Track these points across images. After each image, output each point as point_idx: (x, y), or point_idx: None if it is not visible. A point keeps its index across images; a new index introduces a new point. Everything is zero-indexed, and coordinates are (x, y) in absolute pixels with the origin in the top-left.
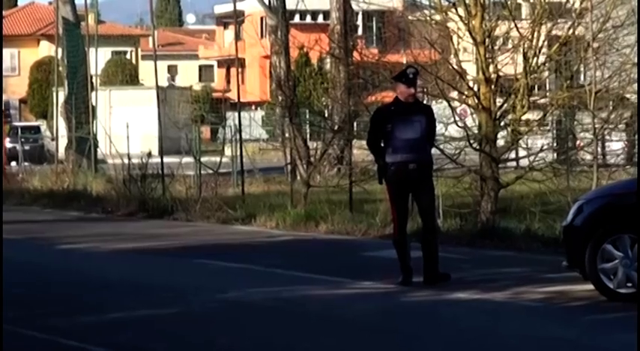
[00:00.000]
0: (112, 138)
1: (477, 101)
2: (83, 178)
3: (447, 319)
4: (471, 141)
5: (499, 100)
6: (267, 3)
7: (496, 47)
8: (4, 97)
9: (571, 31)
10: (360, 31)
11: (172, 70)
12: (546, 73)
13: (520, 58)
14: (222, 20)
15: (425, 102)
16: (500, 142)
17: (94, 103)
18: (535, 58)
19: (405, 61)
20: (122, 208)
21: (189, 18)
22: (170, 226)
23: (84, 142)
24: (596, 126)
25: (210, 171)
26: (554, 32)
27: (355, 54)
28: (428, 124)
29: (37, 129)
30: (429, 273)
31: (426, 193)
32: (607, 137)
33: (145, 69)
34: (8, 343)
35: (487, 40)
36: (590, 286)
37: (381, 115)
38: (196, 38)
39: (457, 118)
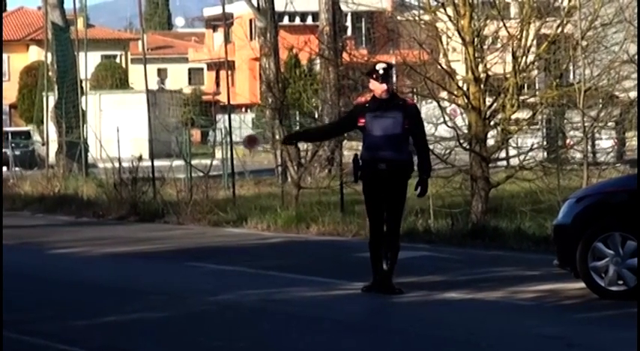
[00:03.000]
0: (102, 142)
1: (466, 101)
2: (74, 182)
3: (439, 319)
4: (461, 141)
5: (489, 100)
6: (256, 5)
7: (485, 47)
8: None
9: (560, 29)
10: (349, 32)
11: (162, 74)
12: (535, 72)
13: (509, 58)
14: (212, 23)
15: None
16: (490, 142)
17: (84, 108)
18: (524, 57)
19: (394, 62)
20: (113, 212)
21: (179, 21)
22: (161, 230)
23: (74, 147)
24: (586, 124)
25: (201, 174)
26: (542, 31)
27: (345, 55)
28: (406, 121)
29: (28, 134)
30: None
31: (395, 197)
32: (597, 135)
33: (135, 72)
34: None
35: (476, 39)
36: (582, 285)
37: (355, 110)
38: (186, 41)
39: (447, 118)
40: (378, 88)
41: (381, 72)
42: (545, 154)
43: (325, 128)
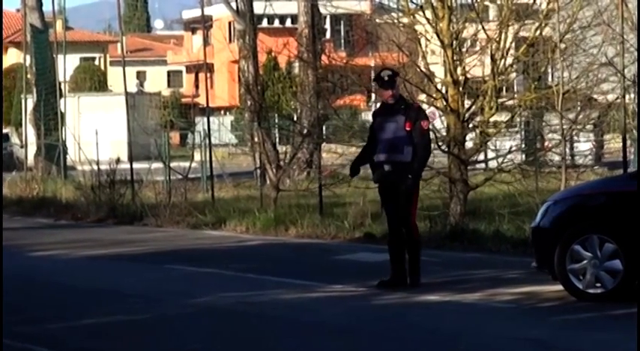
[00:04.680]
0: (81, 144)
1: (445, 103)
2: (52, 185)
3: (417, 321)
4: (440, 143)
5: (467, 102)
6: (235, 8)
7: (464, 49)
8: None
9: (538, 32)
10: (328, 35)
11: (141, 76)
12: (514, 75)
13: (488, 60)
14: (190, 25)
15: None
16: (469, 144)
17: (62, 110)
18: (503, 60)
19: (373, 64)
20: (92, 215)
21: (158, 24)
22: (140, 232)
23: (53, 149)
24: (564, 127)
25: (180, 176)
26: (521, 34)
27: (323, 57)
28: (407, 124)
29: (6, 137)
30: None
31: (401, 196)
32: (575, 138)
33: (114, 75)
34: None
35: (455, 42)
36: (560, 287)
37: (372, 118)
38: (165, 44)
39: None
40: (383, 93)
41: (386, 78)
42: (524, 156)
43: (367, 147)
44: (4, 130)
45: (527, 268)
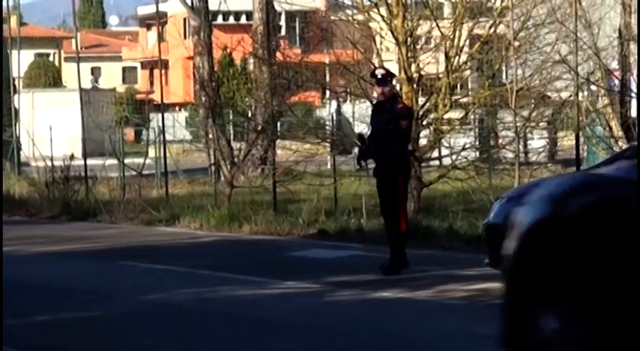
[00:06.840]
0: (35, 140)
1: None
2: (6, 181)
3: (371, 318)
4: None
5: (421, 99)
6: (189, 4)
7: (418, 47)
8: None
9: (492, 30)
10: (283, 32)
11: (96, 72)
12: (468, 72)
13: (442, 57)
14: (145, 22)
15: (348, 101)
16: (423, 141)
17: (16, 106)
18: (457, 57)
19: (327, 62)
20: (45, 211)
21: (113, 20)
22: (94, 229)
23: (7, 145)
24: (518, 124)
25: (134, 173)
26: (475, 31)
27: (278, 54)
28: (391, 122)
29: None
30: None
31: (388, 188)
32: (529, 135)
33: (69, 71)
34: None
35: (409, 39)
36: None
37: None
38: (119, 40)
39: None
40: (375, 90)
41: (379, 76)
42: (478, 153)
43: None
44: None
45: (480, 265)
